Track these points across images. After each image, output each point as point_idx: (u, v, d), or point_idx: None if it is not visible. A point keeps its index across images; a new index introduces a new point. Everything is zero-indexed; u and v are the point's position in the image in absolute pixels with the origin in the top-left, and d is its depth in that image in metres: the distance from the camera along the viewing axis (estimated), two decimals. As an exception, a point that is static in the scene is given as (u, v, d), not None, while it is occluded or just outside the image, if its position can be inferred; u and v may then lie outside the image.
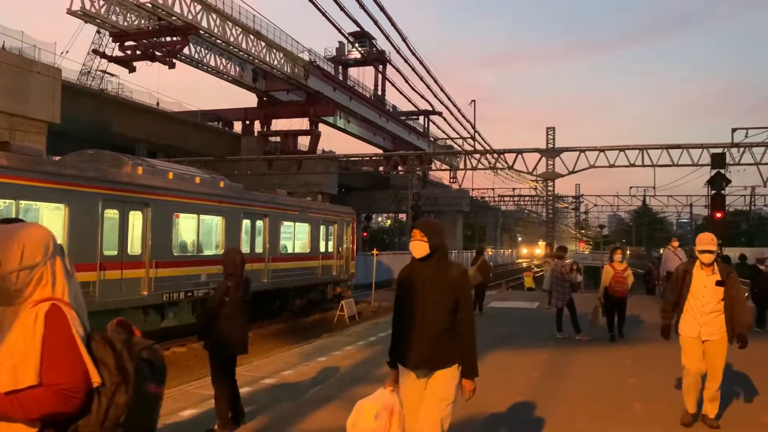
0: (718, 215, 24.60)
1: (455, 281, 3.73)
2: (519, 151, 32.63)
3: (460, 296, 3.72)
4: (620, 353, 10.07)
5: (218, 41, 33.51)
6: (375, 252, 24.49)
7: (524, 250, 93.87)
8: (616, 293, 11.34)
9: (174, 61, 31.40)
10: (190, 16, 30.59)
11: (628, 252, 64.96)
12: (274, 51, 37.86)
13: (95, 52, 34.46)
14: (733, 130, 29.06)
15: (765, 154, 29.15)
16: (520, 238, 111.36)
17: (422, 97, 50.12)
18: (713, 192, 25.89)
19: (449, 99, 41.02)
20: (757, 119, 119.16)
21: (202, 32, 31.62)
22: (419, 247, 3.74)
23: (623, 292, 11.45)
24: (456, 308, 3.67)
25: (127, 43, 30.47)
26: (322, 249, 21.26)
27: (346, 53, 57.88)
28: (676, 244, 17.18)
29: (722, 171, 25.92)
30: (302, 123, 45.56)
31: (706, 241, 5.72)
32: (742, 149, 28.97)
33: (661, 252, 25.02)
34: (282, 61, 38.76)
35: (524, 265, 67.57)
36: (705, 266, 5.75)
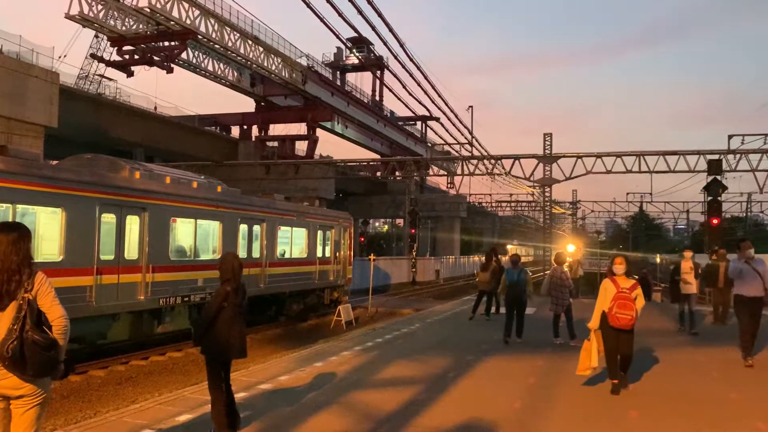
0: (715, 222, 24.69)
1: None
2: (516, 157, 32.70)
3: None
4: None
5: (216, 46, 33.58)
6: (372, 257, 24.51)
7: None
8: (618, 322, 7.38)
9: (172, 65, 31.52)
10: (188, 21, 30.65)
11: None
12: (272, 56, 37.94)
13: (93, 56, 34.52)
14: (730, 137, 29.16)
15: (761, 161, 29.29)
16: (515, 243, 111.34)
17: (420, 102, 50.19)
18: (710, 198, 26.01)
19: (446, 105, 41.22)
20: (753, 126, 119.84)
21: (200, 37, 31.70)
22: None
23: (628, 322, 7.38)
24: None
25: (125, 48, 30.57)
26: (319, 254, 21.25)
27: (344, 59, 58.03)
28: (751, 251, 9.58)
29: (718, 177, 26.04)
30: (300, 128, 45.64)
31: None
32: (738, 156, 29.09)
33: (707, 260, 17.87)
34: (280, 66, 38.83)
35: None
36: None
